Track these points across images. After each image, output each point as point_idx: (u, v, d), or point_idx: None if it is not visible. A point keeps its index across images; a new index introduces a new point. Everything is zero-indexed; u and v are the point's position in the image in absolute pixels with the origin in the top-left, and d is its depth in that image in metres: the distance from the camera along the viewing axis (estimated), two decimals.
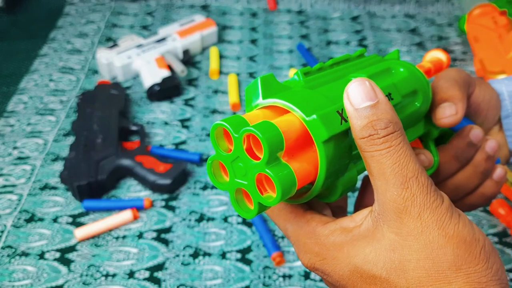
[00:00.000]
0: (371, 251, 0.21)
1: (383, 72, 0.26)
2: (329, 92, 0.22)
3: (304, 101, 0.21)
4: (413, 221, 0.20)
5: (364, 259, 0.21)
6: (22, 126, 0.60)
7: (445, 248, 0.19)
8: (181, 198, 0.52)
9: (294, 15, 0.81)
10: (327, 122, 0.20)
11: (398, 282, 0.20)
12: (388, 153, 0.20)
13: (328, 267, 0.22)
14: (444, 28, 0.79)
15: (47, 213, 0.50)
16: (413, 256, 0.19)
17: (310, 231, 0.23)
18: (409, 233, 0.20)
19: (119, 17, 0.79)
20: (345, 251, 0.21)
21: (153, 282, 0.44)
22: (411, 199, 0.20)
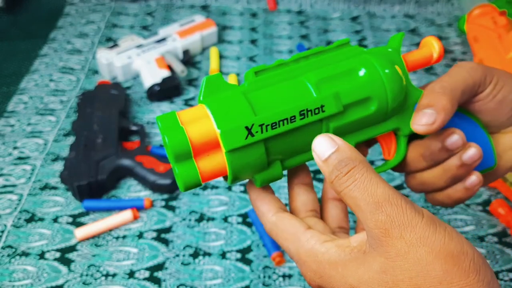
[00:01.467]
0: (364, 272, 0.21)
1: (340, 75, 0.25)
2: (270, 95, 0.24)
3: (224, 110, 0.23)
4: (397, 242, 0.20)
5: (359, 279, 0.21)
6: (22, 126, 0.60)
7: (434, 264, 0.19)
8: (181, 198, 0.52)
9: (294, 15, 0.81)
10: (230, 138, 0.22)
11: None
12: (355, 186, 0.21)
13: (327, 285, 0.23)
14: (444, 28, 0.79)
15: (47, 213, 0.50)
16: (405, 275, 0.20)
17: (309, 249, 0.24)
18: (397, 254, 0.20)
19: (119, 17, 0.79)
20: (340, 270, 0.22)
21: (153, 282, 0.44)
22: (389, 222, 0.20)
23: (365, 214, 0.21)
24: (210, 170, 0.23)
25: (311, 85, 0.24)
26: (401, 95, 0.26)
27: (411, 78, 0.69)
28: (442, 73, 0.70)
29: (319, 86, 0.24)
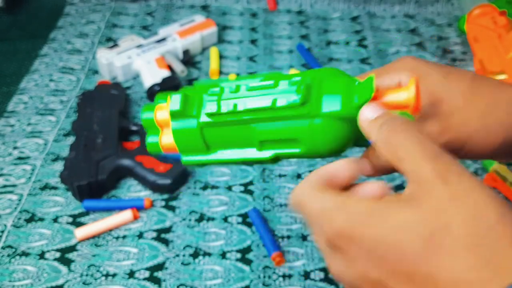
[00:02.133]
0: (412, 213, 0.20)
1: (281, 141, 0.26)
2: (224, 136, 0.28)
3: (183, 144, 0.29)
4: (455, 186, 0.20)
5: (405, 220, 0.20)
6: (22, 126, 0.60)
7: (490, 207, 0.19)
8: (181, 198, 0.52)
9: (294, 15, 0.81)
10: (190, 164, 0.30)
11: (443, 241, 0.19)
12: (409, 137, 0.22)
13: (356, 231, 0.21)
14: (444, 28, 0.79)
15: (47, 213, 0.50)
16: (459, 217, 0.19)
17: (340, 200, 0.23)
18: (453, 197, 0.20)
19: (119, 17, 0.79)
20: (382, 216, 0.21)
21: (153, 282, 0.44)
22: (447, 169, 0.21)
23: (419, 161, 0.21)
24: (167, 143, 0.29)
25: (257, 141, 0.27)
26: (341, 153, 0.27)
27: None
28: None
29: (263, 144, 0.27)
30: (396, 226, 0.20)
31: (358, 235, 0.21)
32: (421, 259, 0.20)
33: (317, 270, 0.45)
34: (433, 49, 0.75)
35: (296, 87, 0.25)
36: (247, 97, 0.26)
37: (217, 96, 0.27)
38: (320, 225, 0.23)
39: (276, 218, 0.50)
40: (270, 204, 0.51)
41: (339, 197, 0.23)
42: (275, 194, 0.52)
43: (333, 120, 0.25)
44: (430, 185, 0.20)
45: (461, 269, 0.19)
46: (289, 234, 0.48)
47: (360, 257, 0.22)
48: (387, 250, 0.21)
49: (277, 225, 0.49)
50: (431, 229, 0.20)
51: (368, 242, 0.21)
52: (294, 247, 0.47)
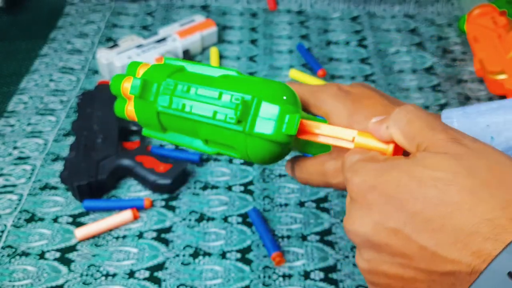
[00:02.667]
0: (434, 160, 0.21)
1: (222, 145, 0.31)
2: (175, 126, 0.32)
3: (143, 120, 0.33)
4: (470, 144, 0.21)
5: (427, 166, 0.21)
6: (22, 126, 0.60)
7: (505, 156, 0.20)
8: (181, 198, 0.52)
9: (294, 15, 0.81)
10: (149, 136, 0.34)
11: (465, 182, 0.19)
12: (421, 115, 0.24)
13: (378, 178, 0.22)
14: (444, 28, 0.79)
15: (47, 213, 0.50)
16: (482, 163, 0.20)
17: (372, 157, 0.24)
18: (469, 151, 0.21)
19: (119, 17, 0.79)
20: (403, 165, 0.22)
21: (153, 282, 0.44)
22: (459, 134, 0.22)
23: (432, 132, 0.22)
24: (130, 110, 0.34)
25: (203, 138, 0.31)
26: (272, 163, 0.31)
27: (411, 78, 0.70)
28: (442, 73, 0.70)
29: (208, 142, 0.31)
30: (419, 171, 0.21)
31: (380, 182, 0.22)
32: (442, 201, 0.19)
33: (317, 270, 0.45)
34: (433, 49, 0.75)
35: (235, 105, 0.28)
36: (194, 101, 0.30)
37: (170, 92, 0.30)
38: (349, 174, 0.24)
39: (276, 218, 0.50)
40: (270, 204, 0.51)
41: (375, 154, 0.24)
42: (275, 194, 0.52)
43: (264, 140, 0.28)
44: (446, 146, 0.21)
45: (483, 209, 0.19)
46: (289, 234, 0.48)
47: (378, 203, 0.22)
48: (408, 195, 0.20)
49: (277, 225, 0.49)
50: (454, 173, 0.20)
51: (389, 186, 0.21)
52: (294, 247, 0.47)
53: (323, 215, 0.50)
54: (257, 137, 0.28)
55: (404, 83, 0.68)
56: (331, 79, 0.69)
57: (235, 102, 0.28)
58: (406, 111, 0.24)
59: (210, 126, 0.29)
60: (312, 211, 0.51)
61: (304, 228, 0.49)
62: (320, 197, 0.52)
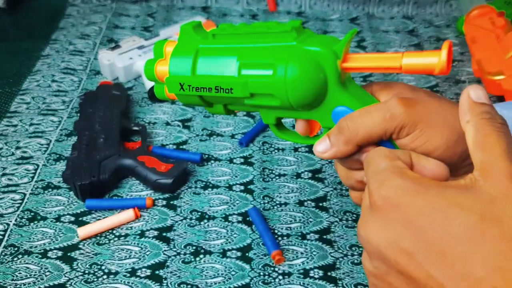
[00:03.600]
0: (467, 198, 0.20)
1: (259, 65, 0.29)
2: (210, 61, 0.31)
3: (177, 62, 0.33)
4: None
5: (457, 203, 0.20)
6: (24, 126, 0.60)
7: None
8: (182, 197, 0.52)
9: (293, 16, 0.82)
10: (170, 86, 0.33)
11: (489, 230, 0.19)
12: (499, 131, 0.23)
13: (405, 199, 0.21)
14: (442, 29, 0.79)
15: (49, 212, 0.50)
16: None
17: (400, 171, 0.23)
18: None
19: (121, 18, 0.80)
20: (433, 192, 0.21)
21: (155, 280, 0.45)
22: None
23: (498, 156, 0.21)
24: (161, 70, 0.34)
25: (238, 64, 0.30)
26: (305, 100, 0.29)
27: (409, 78, 0.70)
28: None
29: (240, 68, 0.30)
30: (447, 205, 0.20)
31: (406, 203, 0.21)
32: (462, 241, 0.19)
33: (316, 268, 0.46)
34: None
35: (292, 22, 0.29)
36: (248, 26, 0.30)
37: (226, 26, 0.31)
38: (373, 182, 0.23)
39: (276, 217, 0.50)
40: (270, 203, 0.52)
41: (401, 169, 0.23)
42: (275, 193, 0.53)
43: (310, 56, 0.28)
44: (497, 178, 0.21)
45: (500, 259, 0.19)
46: (288, 233, 0.49)
47: (398, 223, 0.21)
48: (430, 224, 0.20)
49: (277, 223, 0.50)
50: (481, 216, 0.20)
51: (413, 211, 0.21)
52: (294, 245, 0.48)
53: (322, 214, 0.51)
54: (305, 51, 0.28)
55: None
56: None
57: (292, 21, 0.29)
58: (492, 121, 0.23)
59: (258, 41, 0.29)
60: (312, 210, 0.51)
61: (303, 226, 0.49)
62: (319, 196, 0.53)
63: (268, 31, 0.29)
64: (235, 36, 0.31)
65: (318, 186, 0.54)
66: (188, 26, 0.32)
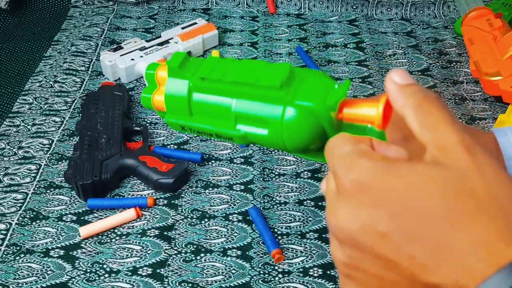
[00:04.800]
0: (437, 174, 0.20)
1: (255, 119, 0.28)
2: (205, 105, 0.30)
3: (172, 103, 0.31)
4: (479, 157, 0.20)
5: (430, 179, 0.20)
6: (27, 127, 0.61)
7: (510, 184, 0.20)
8: (183, 197, 0.53)
9: (293, 18, 0.83)
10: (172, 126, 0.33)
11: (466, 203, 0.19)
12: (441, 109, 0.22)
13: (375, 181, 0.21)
14: (440, 31, 0.80)
15: (51, 212, 0.51)
16: (483, 183, 0.19)
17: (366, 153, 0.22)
18: (477, 166, 0.20)
19: (122, 20, 0.81)
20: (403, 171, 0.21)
21: (156, 278, 0.45)
22: (473, 142, 0.21)
23: (448, 131, 0.21)
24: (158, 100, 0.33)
25: (233, 113, 0.29)
26: (306, 151, 0.28)
27: None
28: (438, 75, 0.71)
29: (237, 118, 0.29)
30: (421, 181, 0.20)
31: (377, 184, 0.20)
32: (440, 217, 0.19)
33: (316, 267, 0.46)
34: (429, 51, 0.76)
35: (282, 68, 0.27)
36: (237, 70, 0.29)
37: (212, 64, 0.30)
38: (340, 167, 0.22)
39: (276, 216, 0.51)
40: (269, 202, 0.52)
41: (367, 151, 0.22)
42: (275, 192, 0.53)
43: (304, 112, 0.26)
44: (457, 153, 0.20)
45: (481, 231, 0.18)
46: (288, 232, 0.49)
47: (370, 206, 0.20)
48: (403, 205, 0.19)
49: (277, 223, 0.50)
50: (456, 191, 0.19)
51: (385, 191, 0.20)
52: (293, 244, 0.48)
53: (322, 213, 0.51)
54: (298, 107, 0.26)
55: None
56: None
57: (281, 67, 0.27)
58: (429, 98, 0.22)
59: (247, 96, 0.28)
60: (311, 209, 0.52)
61: (303, 225, 0.50)
62: (318, 195, 0.53)
63: (256, 83, 0.27)
64: (224, 85, 0.29)
65: (317, 185, 0.54)
66: (174, 65, 0.30)
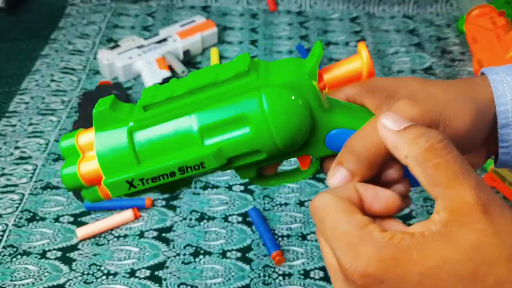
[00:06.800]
0: (451, 251, 0.18)
1: (226, 123, 0.23)
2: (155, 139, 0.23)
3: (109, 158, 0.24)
4: (498, 219, 0.18)
5: (444, 260, 0.18)
6: (23, 126, 0.60)
7: None
8: (182, 198, 0.52)
9: (293, 16, 0.82)
10: (114, 189, 0.24)
11: (485, 277, 0.18)
12: (448, 160, 0.19)
13: (388, 272, 0.19)
14: (443, 29, 0.79)
15: (48, 213, 0.50)
16: (503, 252, 0.18)
17: (367, 233, 0.20)
18: (496, 231, 0.18)
19: (120, 18, 0.80)
20: (414, 254, 0.19)
21: (154, 281, 0.44)
22: (489, 200, 0.19)
23: (460, 187, 0.19)
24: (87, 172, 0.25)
25: (197, 131, 0.23)
26: (297, 139, 0.23)
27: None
28: (441, 74, 0.70)
29: (203, 134, 0.23)
30: (433, 266, 0.18)
31: (390, 277, 0.19)
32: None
33: (317, 269, 0.45)
34: (432, 49, 0.75)
35: (241, 59, 0.23)
36: (187, 83, 0.23)
37: (154, 90, 0.24)
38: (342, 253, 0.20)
39: (276, 217, 0.50)
40: (270, 203, 0.52)
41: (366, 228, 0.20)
42: (275, 193, 0.53)
43: (283, 90, 0.22)
44: (470, 214, 0.18)
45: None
46: (288, 233, 0.49)
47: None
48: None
49: (277, 224, 0.49)
50: (474, 267, 0.18)
51: (401, 283, 0.19)
52: (294, 246, 0.47)
53: None
54: (275, 85, 0.22)
55: None
56: None
57: (240, 57, 0.23)
58: (432, 148, 0.19)
59: (210, 99, 0.23)
60: None
61: (304, 227, 0.49)
62: None
63: (217, 80, 0.23)
64: (175, 102, 0.23)
65: (318, 186, 0.53)
66: (101, 108, 0.24)
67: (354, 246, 0.20)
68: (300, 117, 0.23)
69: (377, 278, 0.19)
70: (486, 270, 0.18)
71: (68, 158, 0.25)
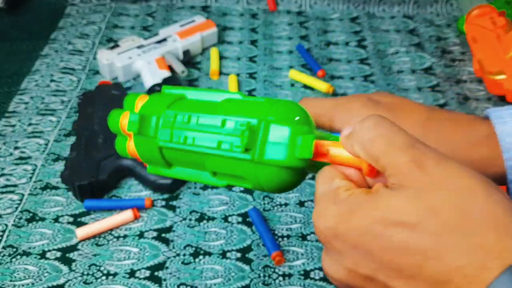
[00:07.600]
0: (397, 201, 0.20)
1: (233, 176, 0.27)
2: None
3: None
4: (432, 171, 0.20)
5: (390, 209, 0.20)
6: (23, 126, 0.60)
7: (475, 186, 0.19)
8: (181, 198, 0.52)
9: (293, 16, 0.82)
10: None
11: (429, 225, 0.19)
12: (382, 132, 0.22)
13: (343, 225, 0.21)
14: (443, 29, 0.79)
15: (48, 213, 0.50)
16: (445, 199, 0.19)
17: (335, 194, 0.22)
18: (431, 182, 0.19)
19: (120, 18, 0.80)
20: (365, 207, 0.21)
21: (154, 281, 0.44)
22: (423, 155, 0.20)
23: (393, 154, 0.21)
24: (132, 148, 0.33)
25: (209, 171, 0.28)
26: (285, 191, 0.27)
27: (410, 78, 0.70)
28: (441, 74, 0.70)
29: (215, 174, 0.29)
30: (379, 216, 0.20)
31: (342, 231, 0.21)
32: (408, 248, 0.19)
33: (317, 270, 0.45)
34: (432, 49, 0.75)
35: (240, 131, 0.25)
36: (197, 131, 0.27)
37: (170, 125, 0.28)
38: (314, 214, 0.23)
39: (276, 218, 0.50)
40: (270, 203, 0.52)
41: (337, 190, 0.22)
42: (275, 194, 0.53)
43: (276, 168, 0.25)
44: (408, 174, 0.20)
45: (451, 256, 0.18)
46: (288, 234, 0.49)
47: (346, 253, 0.21)
48: (374, 243, 0.20)
49: (277, 224, 0.49)
50: (416, 215, 0.19)
51: (352, 236, 0.21)
52: (294, 246, 0.47)
53: None
54: (269, 164, 0.25)
55: (403, 83, 0.69)
56: (330, 79, 0.69)
57: (240, 128, 0.25)
58: (367, 127, 0.22)
59: (216, 158, 0.27)
60: (312, 211, 0.51)
61: (304, 227, 0.49)
62: None
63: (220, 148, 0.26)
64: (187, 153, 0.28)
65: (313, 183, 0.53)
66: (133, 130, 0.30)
67: (323, 206, 0.22)
68: (288, 183, 0.26)
69: (335, 231, 0.21)
70: (429, 216, 0.19)
71: (118, 135, 0.34)
